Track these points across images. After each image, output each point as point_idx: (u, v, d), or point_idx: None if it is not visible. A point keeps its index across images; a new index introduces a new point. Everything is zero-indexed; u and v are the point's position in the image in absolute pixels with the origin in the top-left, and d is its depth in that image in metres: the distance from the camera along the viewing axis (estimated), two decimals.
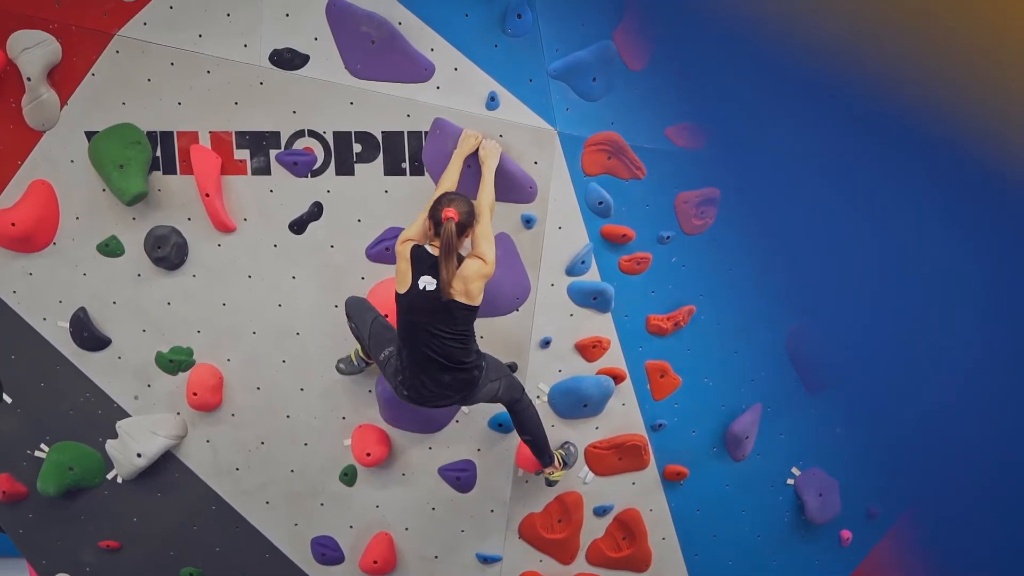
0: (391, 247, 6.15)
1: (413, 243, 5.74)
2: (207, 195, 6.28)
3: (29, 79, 6.21)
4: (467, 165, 6.10)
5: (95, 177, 6.40)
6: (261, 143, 6.30)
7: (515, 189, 6.18)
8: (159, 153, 6.35)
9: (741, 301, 6.70)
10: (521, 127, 6.14)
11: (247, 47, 6.16)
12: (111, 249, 6.52)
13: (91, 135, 6.34)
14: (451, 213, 5.58)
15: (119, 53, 6.22)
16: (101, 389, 6.79)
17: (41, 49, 6.20)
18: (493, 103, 6.12)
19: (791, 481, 7.16)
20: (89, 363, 6.75)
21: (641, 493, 6.95)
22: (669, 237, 6.47)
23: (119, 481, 6.94)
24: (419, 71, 6.13)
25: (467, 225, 5.68)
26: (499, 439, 6.69)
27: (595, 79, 6.18)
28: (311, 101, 6.21)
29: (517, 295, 6.38)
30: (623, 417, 6.76)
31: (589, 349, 6.56)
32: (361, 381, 6.61)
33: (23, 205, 6.44)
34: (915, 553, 7.50)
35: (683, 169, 6.38)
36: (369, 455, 6.60)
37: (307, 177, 6.33)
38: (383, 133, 6.23)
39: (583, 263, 6.37)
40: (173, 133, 6.33)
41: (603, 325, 6.55)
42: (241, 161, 6.34)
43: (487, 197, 5.88)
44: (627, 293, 6.52)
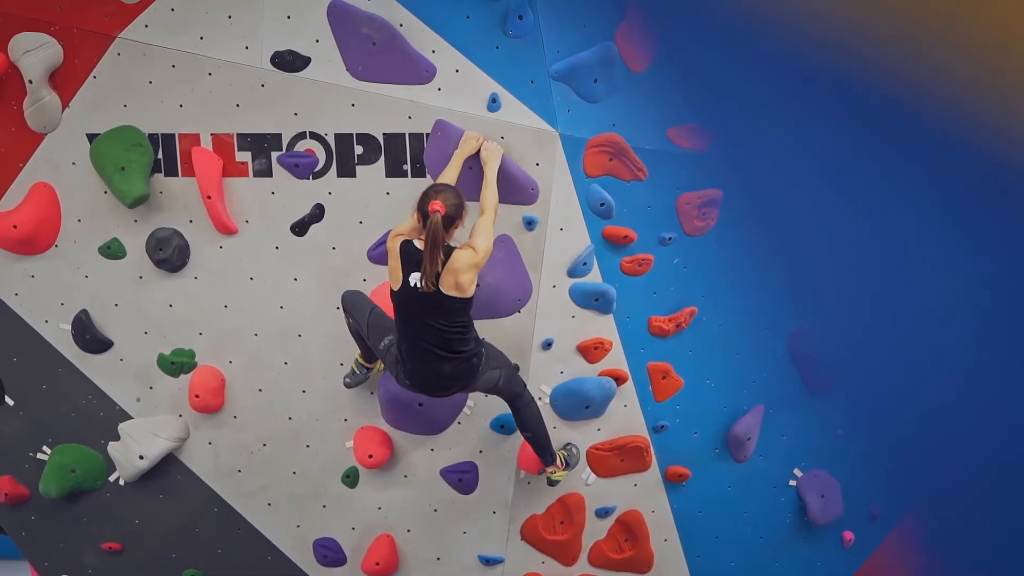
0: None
1: (403, 238, 5.71)
2: (209, 197, 6.28)
3: (31, 81, 6.22)
4: (468, 167, 6.10)
5: (97, 179, 6.40)
6: (263, 145, 6.30)
7: (516, 191, 6.18)
8: (161, 155, 6.35)
9: (743, 302, 6.70)
10: (522, 129, 6.14)
11: (248, 49, 6.17)
12: (113, 251, 6.52)
13: (93, 137, 6.34)
14: (437, 206, 5.50)
15: (120, 55, 6.23)
16: (103, 391, 6.79)
17: (43, 51, 6.20)
18: (494, 105, 6.12)
19: (793, 482, 7.15)
20: (91, 365, 6.75)
21: (643, 495, 6.95)
22: (671, 238, 6.47)
23: (121, 483, 6.94)
24: (420, 73, 6.14)
25: (455, 217, 5.60)
26: (501, 441, 6.69)
27: (596, 80, 6.18)
28: (312, 103, 6.21)
29: (519, 297, 6.38)
30: (625, 419, 6.76)
31: (591, 351, 6.56)
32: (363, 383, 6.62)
33: (25, 207, 6.44)
34: (918, 554, 7.51)
35: (685, 170, 6.38)
36: (371, 457, 6.60)
37: (309, 179, 6.33)
38: (384, 135, 6.23)
39: (585, 265, 6.37)
40: (175, 135, 6.34)
41: (605, 327, 6.55)
42: (243, 163, 6.35)
43: (490, 198, 5.87)
44: (629, 295, 6.51)
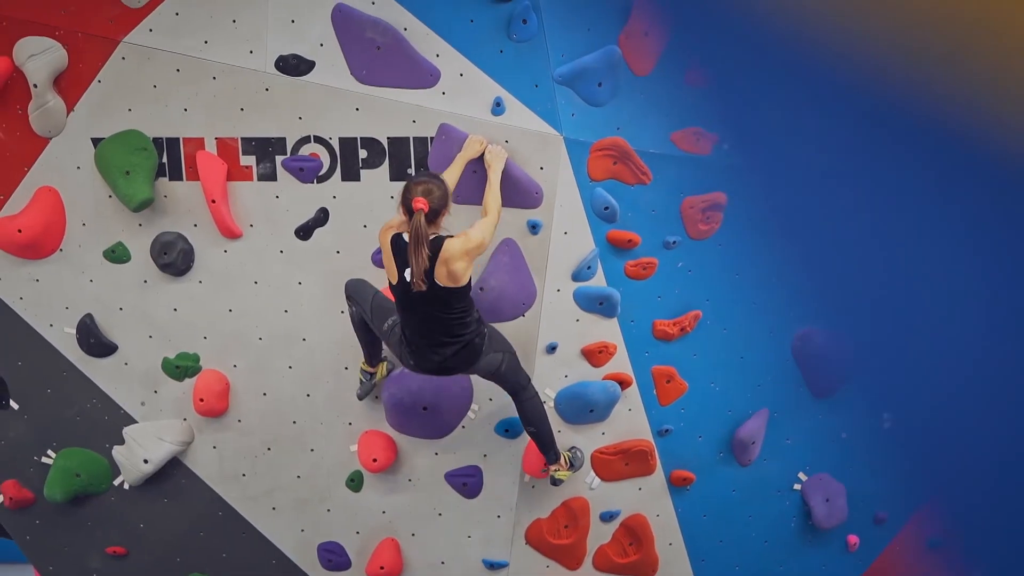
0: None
1: (393, 232, 5.70)
2: (213, 201, 6.29)
3: (35, 86, 6.22)
4: (473, 171, 6.10)
5: (101, 183, 6.41)
6: (267, 149, 6.31)
7: (521, 194, 6.18)
8: (165, 159, 6.36)
9: (747, 306, 6.70)
10: (527, 132, 6.14)
11: (253, 53, 6.17)
12: (117, 255, 6.52)
13: (97, 141, 6.34)
14: (421, 204, 5.47)
15: (125, 60, 6.23)
16: (108, 395, 6.79)
17: (47, 56, 6.21)
18: (499, 108, 6.12)
19: (798, 486, 7.14)
20: (96, 369, 6.76)
21: (648, 499, 6.94)
22: (675, 242, 6.46)
23: (126, 487, 6.94)
24: (425, 77, 6.14)
25: (440, 210, 5.58)
26: (506, 445, 6.69)
27: (601, 84, 6.18)
28: (317, 107, 6.22)
29: (523, 301, 6.37)
30: (629, 423, 6.75)
31: (595, 354, 6.55)
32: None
33: (30, 211, 6.45)
34: (924, 558, 7.50)
35: (689, 174, 6.38)
36: (375, 461, 6.60)
37: (313, 183, 6.33)
38: (389, 139, 6.23)
39: (589, 268, 6.37)
40: (179, 139, 6.34)
41: (609, 330, 6.54)
42: (247, 167, 6.35)
43: (493, 201, 5.88)
44: (633, 298, 6.51)
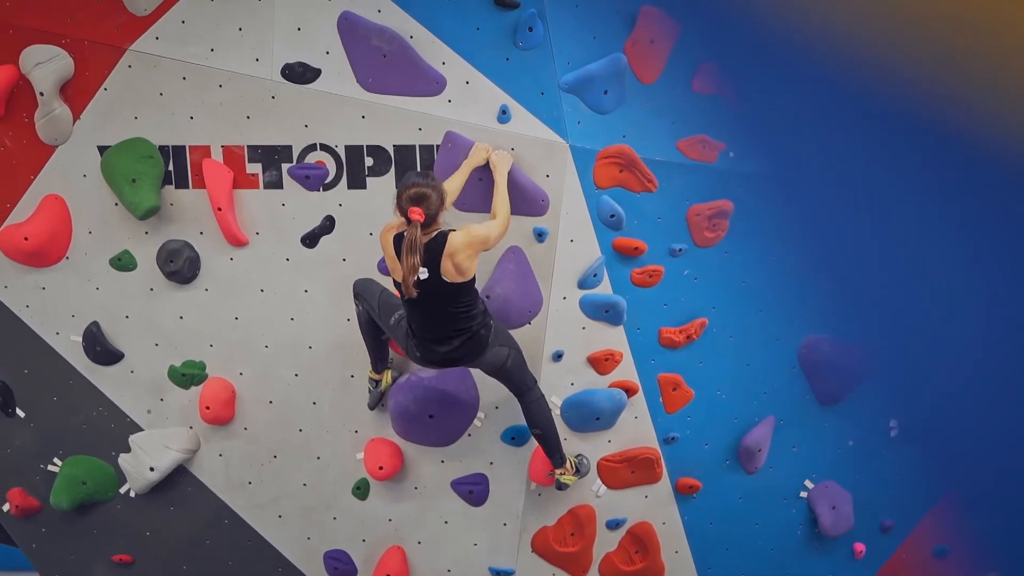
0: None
1: (394, 232, 5.69)
2: (219, 209, 6.29)
3: (42, 94, 6.23)
4: (479, 178, 6.10)
5: (108, 191, 6.41)
6: (273, 157, 6.31)
7: (527, 202, 6.18)
8: (171, 167, 6.36)
9: (753, 313, 6.70)
10: (533, 140, 6.14)
11: (259, 61, 6.17)
12: (124, 263, 6.52)
13: (103, 149, 6.35)
14: (417, 215, 5.46)
15: (131, 67, 6.24)
16: (114, 403, 6.79)
17: (54, 64, 6.21)
18: (505, 116, 6.12)
19: (804, 494, 7.13)
20: (102, 377, 6.76)
21: (654, 506, 6.93)
22: (681, 250, 6.46)
23: (132, 495, 6.94)
24: (431, 84, 6.14)
25: (436, 215, 5.57)
26: (512, 452, 6.68)
27: (606, 92, 6.18)
28: (323, 115, 6.22)
29: (529, 308, 6.37)
30: (635, 430, 6.74)
31: (601, 362, 6.55)
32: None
33: (36, 219, 6.45)
34: (930, 566, 7.48)
35: (695, 182, 6.38)
36: (382, 468, 6.60)
37: (319, 191, 6.33)
38: (395, 147, 6.23)
39: (595, 276, 6.36)
40: (185, 147, 6.34)
41: (615, 338, 6.54)
42: (253, 175, 6.35)
43: (502, 205, 5.87)
44: (639, 306, 6.50)
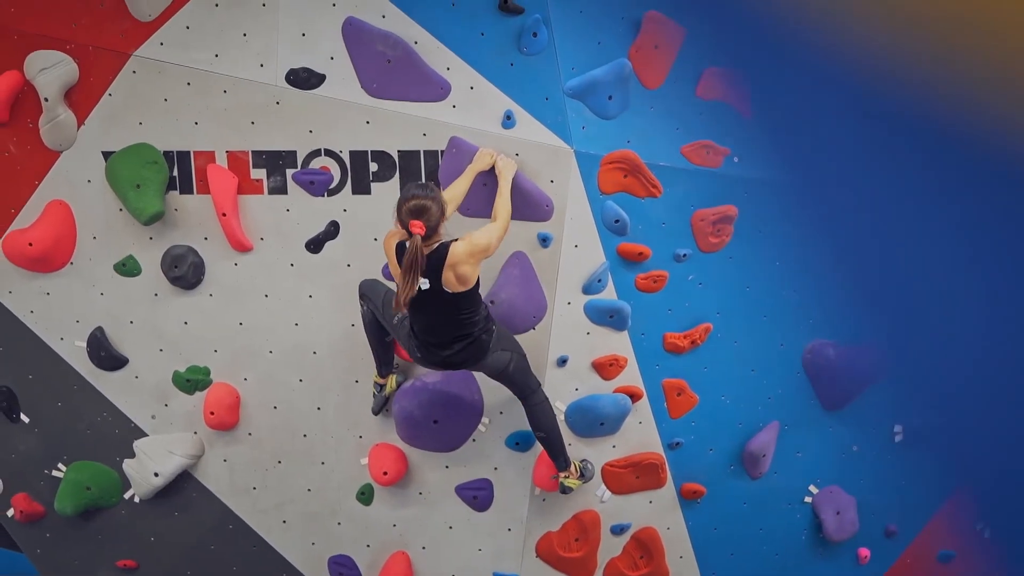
0: None
1: (396, 239, 5.67)
2: (224, 214, 6.29)
3: (46, 99, 6.24)
4: (483, 183, 6.11)
5: (112, 197, 6.41)
6: (278, 162, 6.31)
7: (531, 207, 6.18)
8: (176, 173, 6.37)
9: (758, 319, 6.70)
10: (537, 145, 6.14)
11: (263, 67, 6.18)
12: (128, 269, 6.53)
13: (108, 155, 6.36)
14: (417, 228, 5.42)
15: (136, 73, 6.24)
16: (118, 408, 6.80)
17: (58, 69, 6.22)
18: (509, 122, 6.12)
19: (808, 499, 7.13)
20: (106, 382, 6.77)
21: (658, 511, 6.93)
22: (686, 255, 6.46)
23: (136, 500, 6.95)
24: (435, 90, 6.14)
25: (437, 225, 5.53)
26: (516, 458, 6.68)
27: (611, 97, 6.18)
28: (327, 120, 6.22)
29: (534, 314, 6.37)
30: (640, 435, 6.74)
31: (606, 367, 6.55)
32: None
33: (40, 225, 6.46)
34: (935, 571, 7.48)
35: (699, 187, 6.38)
36: (386, 474, 6.60)
37: (324, 196, 6.34)
38: (399, 152, 6.23)
39: (600, 281, 6.37)
40: (190, 153, 6.35)
41: (620, 343, 6.54)
42: (258, 180, 6.35)
43: (503, 209, 5.87)
44: (644, 311, 6.51)
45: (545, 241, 6.26)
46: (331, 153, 6.27)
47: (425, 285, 5.56)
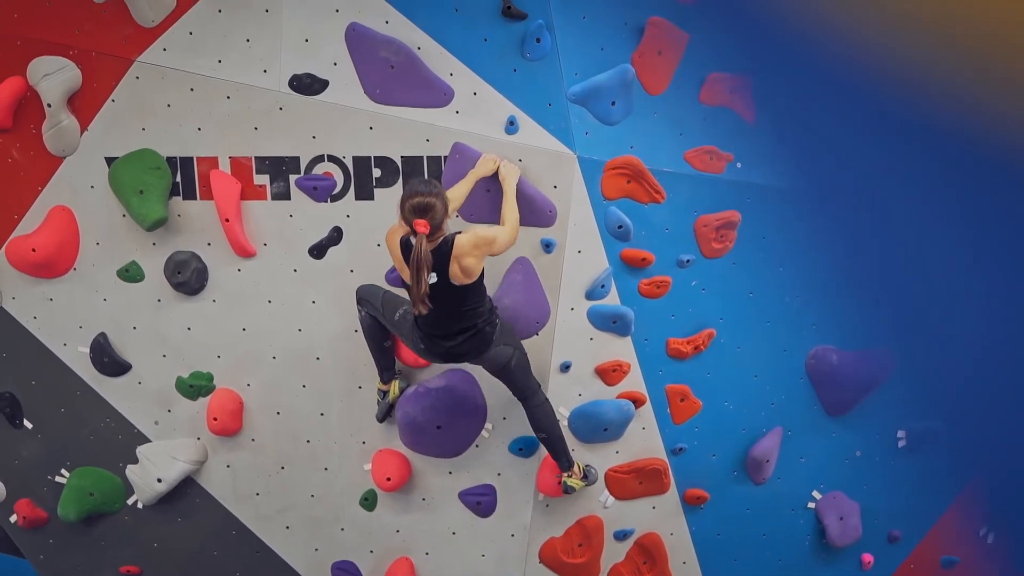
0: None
1: (400, 234, 5.66)
2: (227, 220, 6.29)
3: (49, 105, 6.23)
4: (486, 190, 6.10)
5: (115, 203, 6.41)
6: (281, 168, 6.31)
7: (535, 213, 6.18)
8: (179, 178, 6.37)
9: (761, 324, 6.70)
10: (540, 151, 6.14)
11: (267, 72, 6.18)
12: (131, 274, 6.53)
13: (111, 161, 6.35)
14: (422, 227, 5.41)
15: (139, 79, 6.24)
16: (121, 414, 6.79)
17: (61, 75, 6.22)
18: (512, 127, 6.12)
19: (812, 504, 7.12)
20: (109, 388, 6.76)
21: (661, 517, 6.93)
22: (689, 261, 6.45)
23: (139, 506, 6.94)
24: (438, 96, 6.14)
25: (441, 222, 5.51)
26: (520, 464, 6.68)
27: (614, 103, 6.18)
28: (331, 126, 6.22)
29: (537, 319, 6.37)
30: (643, 441, 6.74)
31: (609, 373, 6.54)
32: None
33: (44, 231, 6.46)
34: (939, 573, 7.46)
35: (703, 193, 6.38)
36: (389, 480, 6.59)
37: (327, 202, 6.34)
38: (402, 158, 6.23)
39: (603, 287, 6.36)
40: (193, 158, 6.35)
41: (623, 349, 6.54)
42: (261, 186, 6.35)
43: (510, 214, 5.86)
44: (647, 317, 6.50)
45: (548, 247, 6.25)
46: (334, 159, 6.27)
47: (433, 279, 5.56)
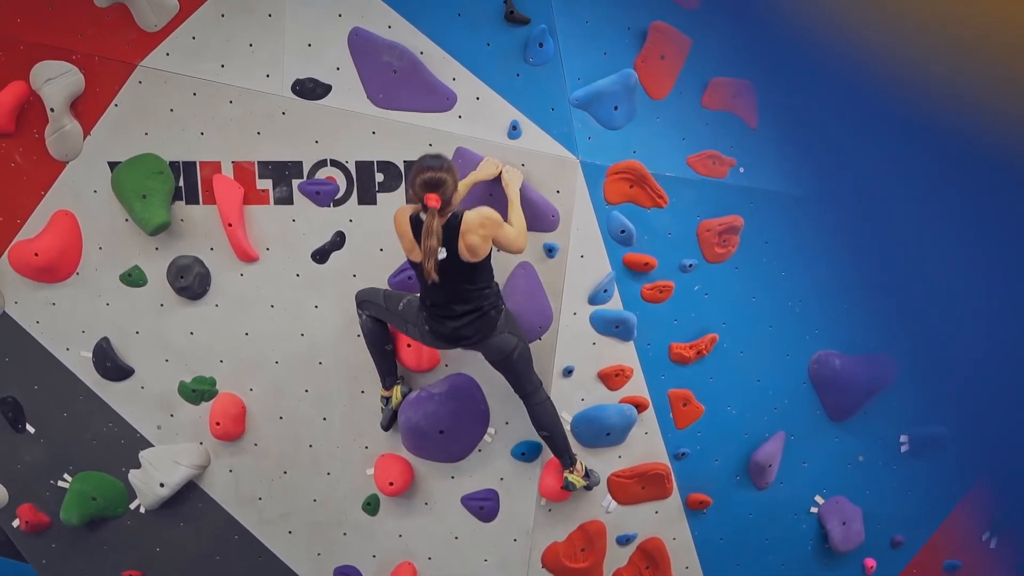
0: (414, 277, 6.13)
1: (409, 212, 5.67)
2: (230, 225, 6.29)
3: (52, 110, 6.24)
4: (489, 194, 6.10)
5: (118, 207, 6.41)
6: (284, 173, 6.31)
7: (537, 218, 6.17)
8: (182, 183, 6.37)
9: (764, 329, 6.70)
10: (543, 156, 6.14)
11: (269, 77, 6.18)
12: (134, 279, 6.53)
13: (114, 165, 6.35)
14: (433, 202, 5.44)
15: (142, 83, 6.25)
16: (124, 419, 6.79)
17: (64, 80, 6.23)
18: (515, 132, 6.12)
19: (814, 509, 7.12)
20: (112, 393, 6.76)
21: (664, 522, 6.92)
22: (692, 265, 6.45)
23: (142, 511, 6.93)
24: (441, 100, 6.14)
25: (451, 195, 5.53)
26: (522, 468, 6.67)
27: (617, 107, 6.18)
28: (333, 131, 6.22)
29: (540, 324, 6.36)
30: (646, 446, 6.73)
31: (612, 378, 6.54)
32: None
33: (46, 235, 6.46)
34: None
35: (705, 197, 6.38)
36: (392, 484, 6.59)
37: (329, 207, 6.33)
38: (405, 162, 6.23)
39: (606, 292, 6.36)
40: (196, 163, 6.35)
41: (626, 354, 6.53)
42: (264, 191, 6.35)
43: (516, 219, 5.86)
44: (650, 322, 6.50)
45: (551, 251, 6.25)
46: (337, 163, 6.27)
47: (442, 254, 5.57)
